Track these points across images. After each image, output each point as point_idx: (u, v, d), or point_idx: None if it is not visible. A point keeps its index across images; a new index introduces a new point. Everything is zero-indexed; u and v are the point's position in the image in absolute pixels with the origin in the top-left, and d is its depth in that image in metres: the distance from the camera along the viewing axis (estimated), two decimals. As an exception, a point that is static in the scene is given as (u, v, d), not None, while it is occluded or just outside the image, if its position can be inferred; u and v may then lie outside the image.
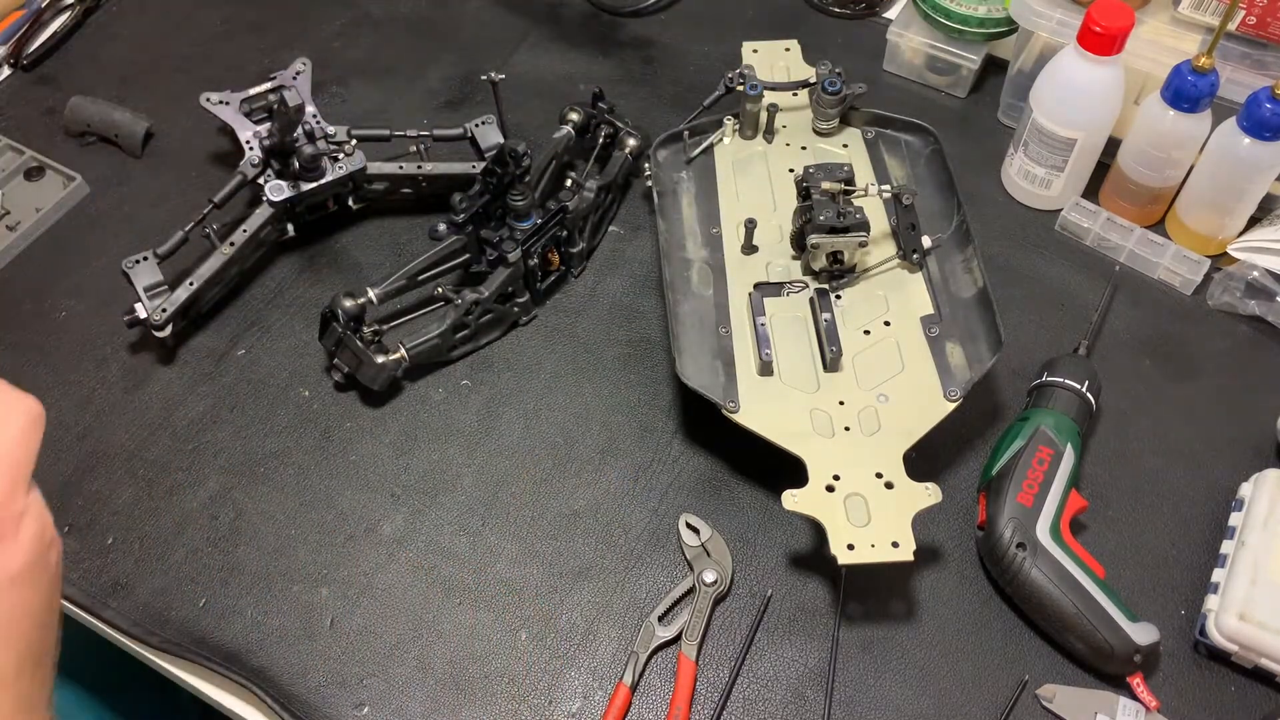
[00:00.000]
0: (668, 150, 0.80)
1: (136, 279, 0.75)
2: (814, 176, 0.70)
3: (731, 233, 0.74)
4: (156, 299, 0.74)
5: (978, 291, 0.70)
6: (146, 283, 0.75)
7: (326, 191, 0.80)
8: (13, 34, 0.96)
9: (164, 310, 0.74)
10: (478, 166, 0.83)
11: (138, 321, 0.74)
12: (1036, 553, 0.62)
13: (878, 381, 0.66)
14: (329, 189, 0.80)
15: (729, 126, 0.80)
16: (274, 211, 0.79)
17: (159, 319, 0.74)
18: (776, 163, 0.79)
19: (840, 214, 0.68)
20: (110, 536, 0.69)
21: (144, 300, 0.74)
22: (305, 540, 0.69)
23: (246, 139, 0.80)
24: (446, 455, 0.72)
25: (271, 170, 0.78)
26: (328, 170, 0.79)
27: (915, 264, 0.72)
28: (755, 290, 0.71)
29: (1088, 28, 0.73)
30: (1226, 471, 0.70)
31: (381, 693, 0.63)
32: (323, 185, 0.79)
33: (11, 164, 0.87)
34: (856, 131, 0.81)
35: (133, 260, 0.75)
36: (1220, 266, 0.80)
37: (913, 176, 0.78)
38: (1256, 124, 0.72)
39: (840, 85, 0.77)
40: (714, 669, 0.64)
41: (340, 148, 0.80)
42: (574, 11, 1.00)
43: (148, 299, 0.74)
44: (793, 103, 0.81)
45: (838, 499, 0.61)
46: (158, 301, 0.74)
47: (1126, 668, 0.61)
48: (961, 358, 0.67)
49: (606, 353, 0.77)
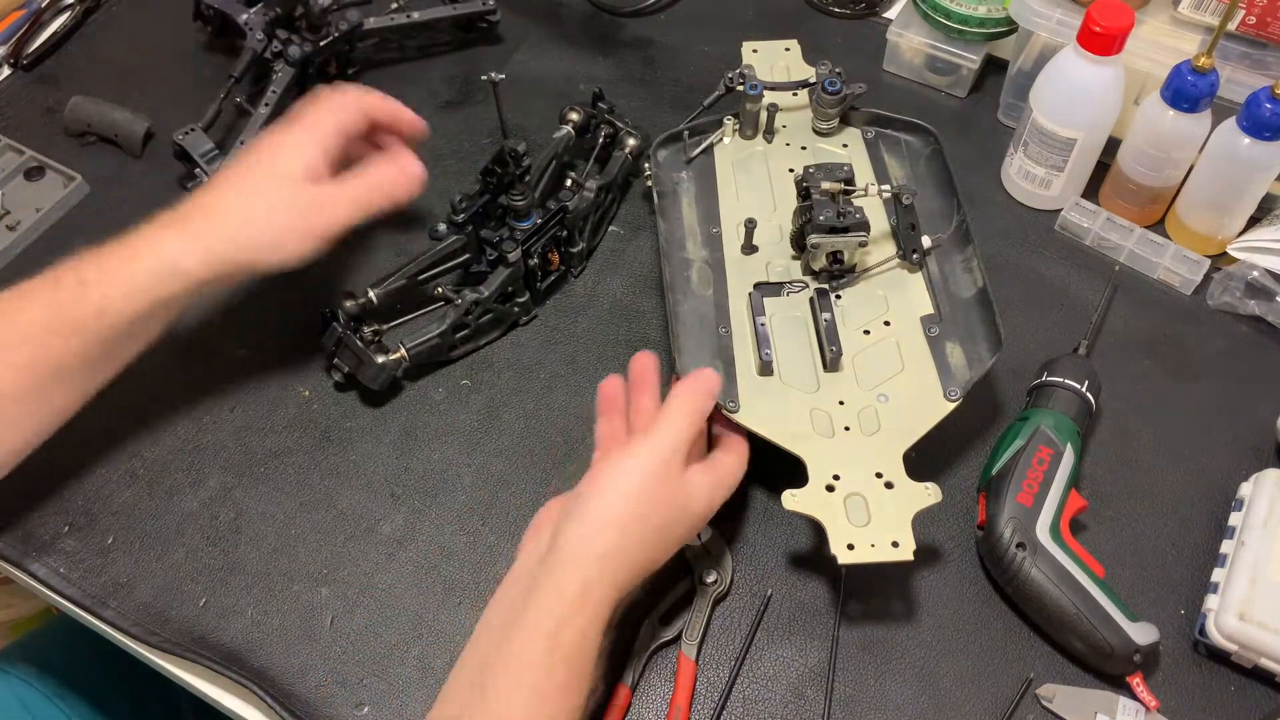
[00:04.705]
0: (668, 150, 0.80)
1: (192, 148, 0.81)
2: (814, 176, 0.70)
3: (731, 232, 0.74)
4: (213, 163, 0.81)
5: (978, 291, 0.70)
6: (201, 150, 0.81)
7: (333, 49, 0.89)
8: (13, 34, 0.96)
9: None
10: (458, 7, 0.94)
11: None
12: (1036, 552, 0.62)
13: (878, 381, 0.66)
14: (337, 44, 0.89)
15: (729, 126, 0.80)
16: (294, 72, 0.86)
17: None
18: (776, 163, 0.79)
19: (840, 214, 0.68)
20: (110, 536, 0.69)
21: (203, 166, 0.81)
22: (305, 540, 0.69)
23: (245, 19, 0.87)
24: (446, 455, 0.72)
25: (278, 39, 0.86)
26: (332, 29, 0.88)
27: (915, 264, 0.72)
28: (755, 290, 0.70)
29: (1088, 28, 0.73)
30: (1226, 471, 0.70)
31: (381, 693, 0.63)
32: (333, 40, 0.88)
33: (11, 164, 0.87)
34: (856, 131, 0.81)
35: (182, 132, 0.82)
36: (1220, 266, 0.80)
37: (913, 176, 0.78)
38: (1256, 124, 0.72)
39: (840, 85, 0.77)
40: (714, 669, 0.64)
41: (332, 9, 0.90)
42: (574, 11, 1.00)
43: (205, 164, 0.81)
44: (793, 103, 0.81)
45: (838, 499, 0.61)
46: (215, 165, 0.81)
47: (1126, 667, 0.61)
48: (961, 358, 0.67)
49: (606, 353, 0.77)
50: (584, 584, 0.53)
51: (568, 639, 0.52)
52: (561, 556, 0.54)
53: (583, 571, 0.54)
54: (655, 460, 0.57)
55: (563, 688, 0.51)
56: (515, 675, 0.51)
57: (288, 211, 0.64)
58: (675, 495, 0.57)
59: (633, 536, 0.55)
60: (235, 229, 0.63)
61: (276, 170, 0.65)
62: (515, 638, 0.52)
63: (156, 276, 0.62)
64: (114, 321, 0.62)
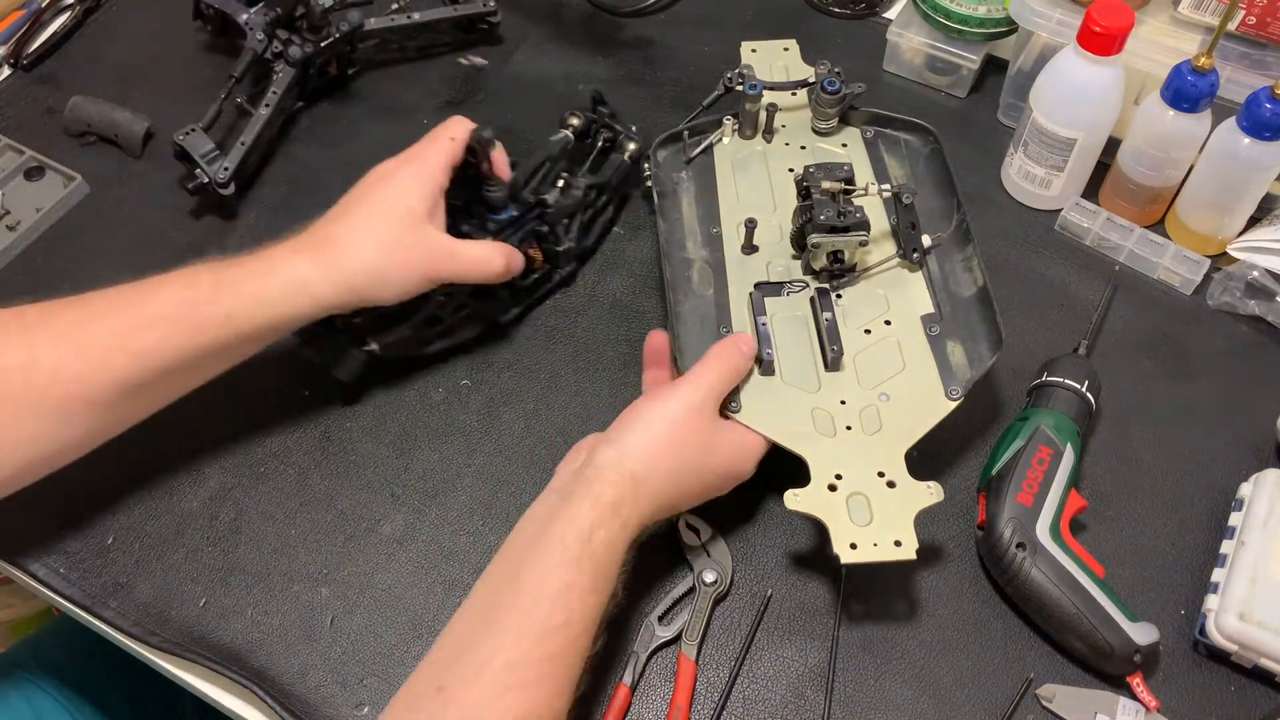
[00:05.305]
0: (667, 150, 0.80)
1: (192, 148, 0.80)
2: (814, 176, 0.70)
3: (732, 232, 0.74)
4: (214, 164, 0.81)
5: (978, 290, 0.70)
6: (201, 150, 0.81)
7: (334, 50, 0.89)
8: (13, 34, 0.96)
9: (226, 169, 0.81)
10: (458, 8, 0.94)
11: (202, 188, 0.79)
12: (1036, 553, 0.62)
13: (879, 381, 0.66)
14: (337, 46, 0.89)
15: (728, 126, 0.80)
16: (295, 73, 0.86)
17: (223, 177, 0.80)
18: (776, 162, 0.79)
19: (841, 213, 0.68)
20: (110, 536, 0.69)
21: (203, 166, 0.80)
22: (305, 540, 0.69)
23: (245, 19, 0.86)
24: (446, 455, 0.72)
25: (278, 40, 0.86)
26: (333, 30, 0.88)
27: (915, 263, 0.72)
28: (756, 290, 0.71)
29: (1088, 28, 0.73)
30: (1226, 471, 0.70)
31: (381, 693, 0.63)
32: (334, 41, 0.88)
33: (11, 164, 0.87)
34: (856, 131, 0.81)
35: (182, 132, 0.81)
36: (1220, 266, 0.80)
37: (912, 176, 0.78)
38: (1256, 124, 0.72)
39: (839, 84, 0.77)
40: (714, 669, 0.64)
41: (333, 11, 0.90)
42: (574, 11, 1.00)
43: (205, 164, 0.80)
44: (792, 102, 0.81)
45: (840, 498, 0.61)
46: (215, 165, 0.80)
47: (1126, 668, 0.61)
48: (962, 356, 0.67)
49: (606, 353, 0.77)
50: (616, 497, 0.58)
51: (599, 540, 0.56)
52: (597, 471, 0.59)
53: (615, 488, 0.58)
54: (689, 403, 0.61)
55: (590, 585, 0.55)
56: (548, 566, 0.55)
57: (410, 250, 0.67)
58: (706, 437, 0.61)
59: (664, 466, 0.60)
60: (362, 262, 0.65)
61: (400, 205, 0.67)
62: (549, 537, 0.56)
63: (288, 295, 0.64)
64: (240, 329, 0.63)
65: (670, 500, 0.61)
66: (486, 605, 0.56)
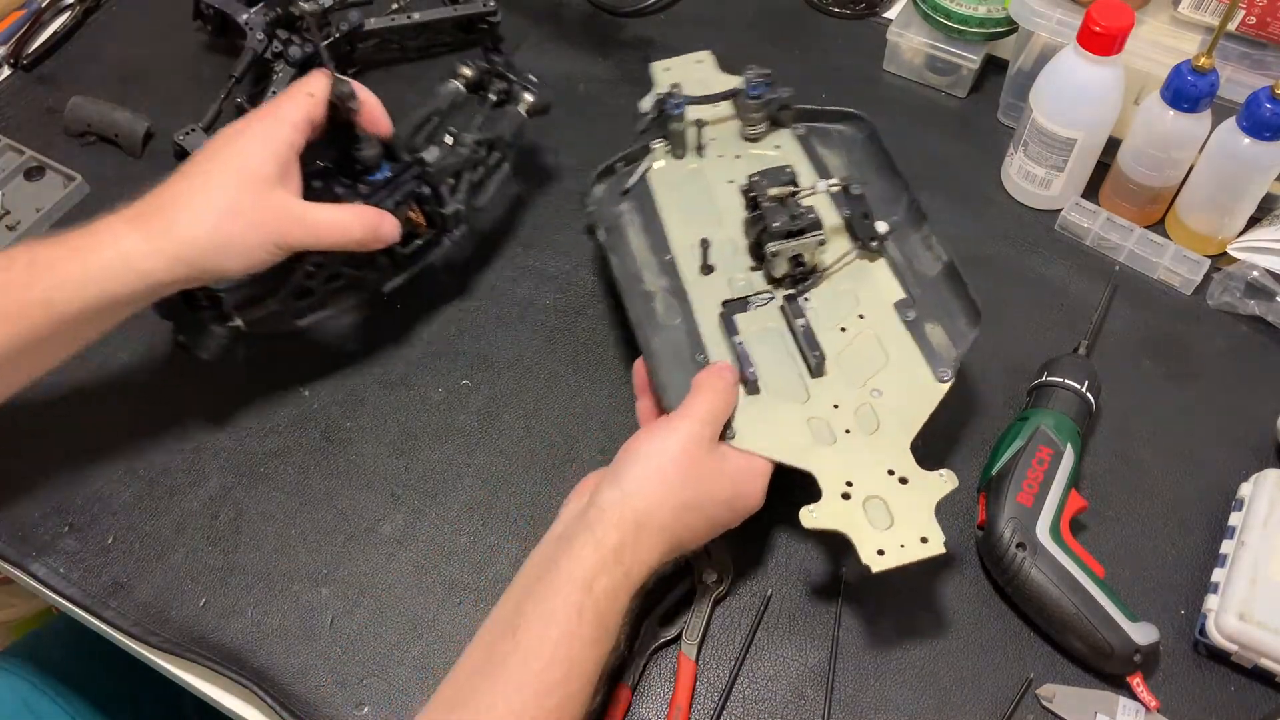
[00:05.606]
0: (604, 184, 0.77)
1: (192, 149, 0.80)
2: (760, 184, 0.69)
3: (686, 255, 0.72)
4: None
5: (944, 266, 0.69)
6: None
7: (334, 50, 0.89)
8: (13, 34, 0.96)
9: None
10: (458, 8, 0.92)
11: None
12: (1036, 553, 0.62)
13: (866, 377, 0.65)
14: (338, 45, 0.90)
15: (659, 150, 0.78)
16: (295, 72, 0.86)
17: None
18: (714, 176, 0.76)
19: (793, 216, 0.67)
20: (110, 536, 0.69)
21: None
22: (305, 540, 0.69)
23: (245, 19, 0.87)
24: (446, 455, 0.72)
25: (278, 40, 0.86)
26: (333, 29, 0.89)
27: (876, 252, 0.71)
28: (724, 308, 0.69)
29: (1088, 27, 0.73)
30: (1226, 471, 0.70)
31: (381, 693, 0.63)
32: (334, 41, 0.88)
33: (11, 164, 0.87)
34: (787, 131, 0.79)
35: (182, 133, 0.81)
36: (1220, 266, 0.80)
37: (850, 164, 0.76)
38: (1256, 124, 0.72)
39: (763, 89, 0.75)
40: (714, 669, 0.64)
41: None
42: (574, 11, 1.00)
43: None
44: (718, 114, 0.79)
45: (856, 506, 0.60)
46: None
47: (1126, 667, 0.61)
48: (943, 336, 0.66)
49: (606, 353, 0.77)
50: (619, 541, 0.55)
51: (600, 589, 0.54)
52: (599, 514, 0.56)
53: (618, 530, 0.56)
54: (689, 436, 0.59)
55: (591, 636, 0.53)
56: (547, 616, 0.53)
57: (253, 216, 0.61)
58: (708, 470, 0.59)
59: (667, 504, 0.57)
60: (197, 232, 0.60)
61: (244, 168, 0.61)
62: (551, 583, 0.54)
63: (110, 272, 0.59)
64: (62, 314, 0.59)
65: (676, 540, 0.58)
66: (488, 653, 0.54)
